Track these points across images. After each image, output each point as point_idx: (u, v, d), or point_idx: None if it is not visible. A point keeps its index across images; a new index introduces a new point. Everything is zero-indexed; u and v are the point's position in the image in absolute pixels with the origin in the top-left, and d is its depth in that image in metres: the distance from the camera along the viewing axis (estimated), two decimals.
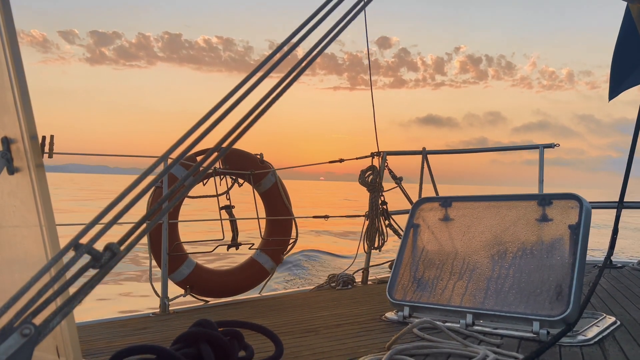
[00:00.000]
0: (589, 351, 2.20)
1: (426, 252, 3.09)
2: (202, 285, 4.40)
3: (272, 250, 4.88)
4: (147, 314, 3.71)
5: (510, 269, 2.74)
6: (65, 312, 1.01)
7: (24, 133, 1.20)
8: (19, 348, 0.95)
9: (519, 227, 2.86)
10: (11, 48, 1.19)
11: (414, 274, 3.03)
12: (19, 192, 1.29)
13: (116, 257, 1.04)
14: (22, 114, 1.20)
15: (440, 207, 3.20)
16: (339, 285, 4.70)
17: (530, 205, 2.89)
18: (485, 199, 3.08)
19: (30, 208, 1.25)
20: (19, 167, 1.27)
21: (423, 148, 5.77)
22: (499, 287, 2.70)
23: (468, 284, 2.80)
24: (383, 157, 5.50)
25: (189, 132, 1.19)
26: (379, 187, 5.31)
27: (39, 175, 1.20)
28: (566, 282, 2.50)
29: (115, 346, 2.60)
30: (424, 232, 3.18)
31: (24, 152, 1.23)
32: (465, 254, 2.94)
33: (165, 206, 1.15)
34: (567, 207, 2.75)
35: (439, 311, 2.78)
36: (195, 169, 1.20)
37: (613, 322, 2.72)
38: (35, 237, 1.23)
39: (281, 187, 5.00)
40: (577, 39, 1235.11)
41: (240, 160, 4.76)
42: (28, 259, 1.35)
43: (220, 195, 4.59)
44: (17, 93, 1.19)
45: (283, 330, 2.76)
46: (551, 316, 2.41)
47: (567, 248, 2.64)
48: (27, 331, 0.96)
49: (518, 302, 2.58)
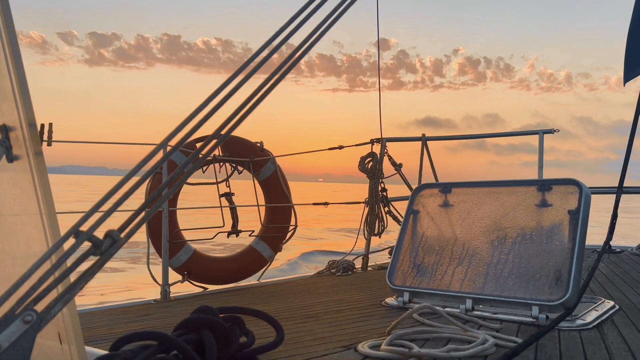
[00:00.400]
0: (588, 335, 2.22)
1: (426, 238, 3.10)
2: (199, 271, 4.41)
3: (271, 238, 4.88)
4: (148, 301, 3.73)
5: (509, 254, 2.75)
6: (67, 299, 1.01)
7: (22, 121, 1.20)
8: (21, 335, 0.96)
9: (519, 213, 2.86)
10: (8, 34, 1.19)
11: (414, 259, 3.04)
12: (19, 180, 1.29)
13: (116, 244, 1.05)
14: (20, 102, 1.19)
15: (439, 194, 3.21)
16: (339, 272, 4.72)
17: (530, 190, 2.89)
18: (485, 185, 3.08)
19: (30, 196, 1.25)
20: (18, 155, 1.27)
21: (422, 134, 5.76)
22: (498, 273, 2.71)
23: (468, 270, 2.81)
24: (383, 144, 5.49)
25: (187, 119, 1.19)
26: (378, 174, 5.32)
27: (38, 163, 1.19)
28: (565, 267, 2.51)
29: (117, 333, 2.61)
30: (424, 218, 3.19)
31: (22, 140, 1.23)
32: (465, 239, 2.95)
33: (165, 193, 1.15)
34: (567, 193, 2.76)
35: (439, 296, 2.80)
36: (194, 155, 1.20)
37: (612, 307, 2.74)
38: (36, 224, 1.23)
39: (281, 175, 5.00)
40: (575, 41, 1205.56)
41: (239, 148, 4.76)
42: (29, 247, 1.35)
43: (220, 183, 4.60)
44: (15, 80, 1.19)
45: (284, 316, 2.78)
46: (550, 301, 2.43)
47: (566, 233, 2.64)
48: (29, 318, 0.97)
49: (517, 287, 2.59)
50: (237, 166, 4.76)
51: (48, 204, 1.20)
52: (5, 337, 0.94)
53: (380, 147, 5.47)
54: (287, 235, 5.01)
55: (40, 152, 1.21)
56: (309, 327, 2.47)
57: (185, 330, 1.76)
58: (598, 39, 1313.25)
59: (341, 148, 5.55)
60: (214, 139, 1.23)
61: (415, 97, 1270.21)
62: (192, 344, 1.68)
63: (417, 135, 5.83)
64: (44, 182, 1.20)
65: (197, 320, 1.77)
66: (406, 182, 5.55)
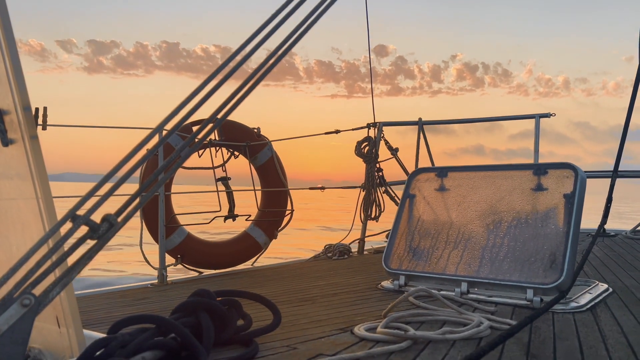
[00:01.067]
0: (582, 317, 2.24)
1: (422, 222, 3.11)
2: (193, 255, 4.38)
3: (266, 224, 4.87)
4: (145, 285, 3.75)
5: (505, 238, 2.76)
6: (65, 282, 1.02)
7: (17, 104, 1.19)
8: (20, 318, 0.96)
9: (514, 197, 2.87)
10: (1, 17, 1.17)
11: (410, 243, 3.06)
12: (14, 164, 1.29)
13: (114, 228, 1.05)
14: (14, 85, 1.18)
15: (436, 178, 3.21)
16: (335, 256, 4.75)
17: (526, 174, 2.90)
18: (481, 169, 3.09)
19: (26, 180, 1.25)
20: (13, 139, 1.26)
21: (419, 118, 5.76)
22: (493, 256, 2.73)
23: (463, 253, 2.83)
24: (379, 128, 5.49)
25: (183, 103, 1.18)
26: (374, 158, 5.32)
27: (34, 146, 1.19)
28: (560, 251, 2.53)
29: (114, 316, 2.63)
30: (420, 203, 3.20)
31: (17, 123, 1.22)
32: (461, 223, 2.97)
33: (161, 177, 1.15)
34: (562, 177, 2.77)
35: (435, 280, 2.82)
36: (191, 139, 1.19)
37: (605, 289, 2.76)
38: (32, 208, 1.23)
39: (277, 161, 4.99)
40: (573, 46, 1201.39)
41: (236, 132, 4.74)
42: (26, 231, 1.35)
43: (217, 168, 4.59)
44: (9, 64, 1.18)
45: (280, 299, 2.79)
46: (545, 284, 2.45)
47: (561, 217, 2.66)
48: (27, 301, 0.97)
49: (512, 271, 2.61)
50: (233, 151, 4.75)
51: (44, 188, 1.20)
52: (3, 321, 0.95)
53: (376, 131, 5.46)
54: (284, 221, 5.01)
55: (36, 135, 1.20)
56: (305, 310, 2.49)
57: (183, 314, 1.78)
58: (596, 44, 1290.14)
59: (337, 132, 5.54)
60: (210, 123, 1.22)
61: (414, 103, 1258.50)
62: (189, 327, 1.70)
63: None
64: (39, 165, 1.20)
65: (195, 303, 1.78)
66: (402, 167, 5.56)
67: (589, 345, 1.84)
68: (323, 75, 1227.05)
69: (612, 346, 1.83)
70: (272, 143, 4.96)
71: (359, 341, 1.92)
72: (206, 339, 1.67)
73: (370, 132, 5.46)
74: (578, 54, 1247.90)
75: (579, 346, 1.83)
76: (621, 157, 3.00)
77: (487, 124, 5.91)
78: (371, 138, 5.38)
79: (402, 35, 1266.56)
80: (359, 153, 5.36)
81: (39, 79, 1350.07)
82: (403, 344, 1.81)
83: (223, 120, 1.20)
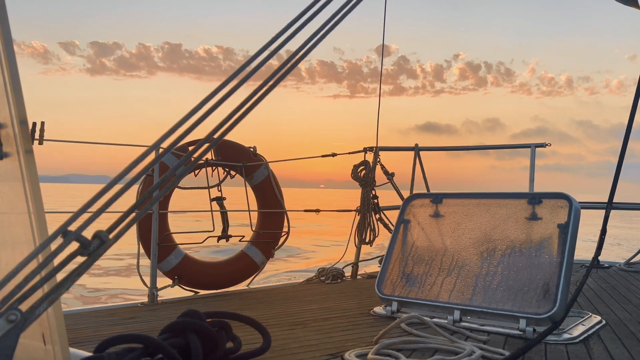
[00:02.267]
0: (574, 349, 2.22)
1: (416, 248, 3.10)
2: (190, 276, 4.37)
3: (263, 244, 4.85)
4: (135, 304, 3.71)
5: (498, 267, 2.75)
6: (52, 299, 1.00)
7: (13, 118, 1.19)
8: (5, 334, 0.94)
9: (509, 225, 2.87)
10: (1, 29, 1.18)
11: (403, 269, 3.04)
12: (8, 177, 1.28)
13: (105, 245, 1.04)
14: (11, 98, 1.18)
15: (431, 204, 3.22)
16: (328, 279, 4.71)
17: (520, 203, 2.91)
18: (476, 197, 3.09)
19: (18, 194, 1.24)
20: (7, 152, 1.26)
21: (415, 144, 5.78)
22: (487, 284, 2.71)
23: (456, 281, 2.82)
24: (375, 152, 5.50)
25: (180, 122, 1.18)
26: (371, 182, 5.32)
27: (28, 161, 1.18)
28: (554, 281, 2.52)
29: (102, 335, 2.59)
30: (414, 228, 3.19)
31: (13, 137, 1.22)
32: (455, 250, 2.96)
33: (155, 195, 1.15)
34: (557, 207, 2.77)
35: (427, 307, 2.80)
36: (186, 158, 1.19)
37: (598, 321, 2.75)
38: (24, 223, 1.22)
39: (273, 180, 4.99)
40: (575, 44, 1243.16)
41: (232, 152, 4.74)
42: (15, 246, 1.34)
43: (212, 188, 4.58)
44: (7, 77, 1.18)
45: (271, 322, 2.76)
46: (538, 314, 2.43)
47: (555, 247, 2.66)
48: (13, 317, 0.95)
49: (505, 300, 2.60)
50: (229, 170, 4.74)
51: (37, 203, 1.19)
52: None
53: (373, 156, 5.48)
54: (280, 241, 4.98)
55: (31, 150, 1.20)
56: (296, 335, 2.46)
57: (171, 334, 1.75)
58: (598, 42, 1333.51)
59: (334, 155, 5.56)
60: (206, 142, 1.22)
61: (416, 102, 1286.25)
62: (177, 348, 1.67)
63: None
64: (33, 180, 1.19)
65: (184, 324, 1.76)
66: (398, 192, 5.56)
67: None
68: (325, 76, 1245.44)
69: None
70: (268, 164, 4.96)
71: None
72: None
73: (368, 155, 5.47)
74: (581, 53, 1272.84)
75: None
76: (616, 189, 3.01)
77: (489, 124, 5.96)
78: (367, 162, 5.39)
79: (404, 35, 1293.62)
80: (355, 177, 5.37)
81: (42, 81, 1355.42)
82: None
83: (219, 140, 1.20)
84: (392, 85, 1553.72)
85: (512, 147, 5.65)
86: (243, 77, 1.23)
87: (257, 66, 1.25)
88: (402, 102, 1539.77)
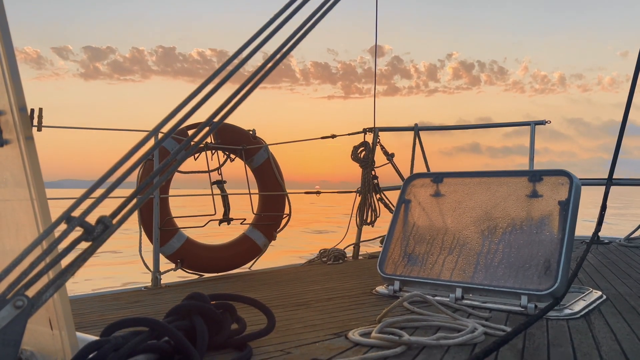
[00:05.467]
0: (575, 324, 2.25)
1: (417, 228, 3.12)
2: (192, 259, 4.40)
3: (264, 226, 4.88)
4: (139, 288, 3.74)
5: (499, 244, 2.77)
6: (58, 284, 1.01)
7: (12, 105, 1.19)
8: (13, 320, 0.95)
9: (509, 203, 2.88)
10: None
11: (405, 249, 3.06)
12: (9, 164, 1.28)
13: (108, 230, 1.05)
14: (10, 86, 1.18)
15: (431, 183, 3.22)
16: (330, 260, 4.74)
17: (521, 181, 2.91)
18: (477, 175, 3.10)
19: (20, 181, 1.24)
20: (8, 139, 1.26)
21: (415, 124, 5.77)
22: (488, 262, 2.73)
23: (458, 259, 2.83)
24: (375, 133, 5.50)
25: (180, 106, 1.18)
26: (370, 163, 5.33)
27: (29, 147, 1.19)
28: (554, 258, 2.54)
29: (108, 319, 2.61)
30: (415, 208, 3.20)
31: (12, 124, 1.22)
32: (456, 229, 2.97)
33: (156, 180, 1.15)
34: (557, 183, 2.78)
35: (429, 285, 2.82)
36: (186, 142, 1.19)
37: (599, 297, 2.77)
38: (27, 210, 1.23)
39: (274, 163, 4.99)
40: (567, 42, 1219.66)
41: (232, 136, 4.74)
42: (19, 233, 1.35)
43: (213, 171, 4.58)
44: (5, 64, 1.17)
45: (275, 303, 2.79)
46: (539, 290, 2.45)
47: (556, 224, 2.67)
48: (20, 303, 0.96)
49: (507, 277, 2.61)
50: (229, 154, 4.74)
51: (39, 189, 1.19)
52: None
53: (373, 137, 5.47)
54: (282, 223, 5.00)
55: (31, 136, 1.20)
56: (299, 315, 2.48)
57: (176, 317, 1.77)
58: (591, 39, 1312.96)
59: (334, 137, 5.55)
60: (206, 127, 1.22)
61: (410, 102, 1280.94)
62: (183, 330, 1.69)
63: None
64: (34, 167, 1.20)
65: (189, 306, 1.77)
66: (398, 172, 5.57)
67: (583, 352, 1.84)
68: (319, 77, 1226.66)
69: (606, 353, 1.83)
70: (268, 146, 4.96)
71: (353, 346, 1.91)
72: (200, 342, 1.67)
73: (367, 136, 5.47)
74: (573, 50, 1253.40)
75: (573, 353, 1.83)
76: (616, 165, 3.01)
77: (481, 121, 5.96)
78: (367, 143, 5.39)
79: (397, 35, 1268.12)
80: (355, 158, 5.37)
81: (36, 86, 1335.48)
82: (397, 349, 1.81)
83: (219, 124, 1.20)
84: (386, 86, 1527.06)
85: (512, 125, 5.64)
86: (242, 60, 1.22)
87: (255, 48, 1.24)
88: (396, 102, 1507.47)
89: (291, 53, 1.27)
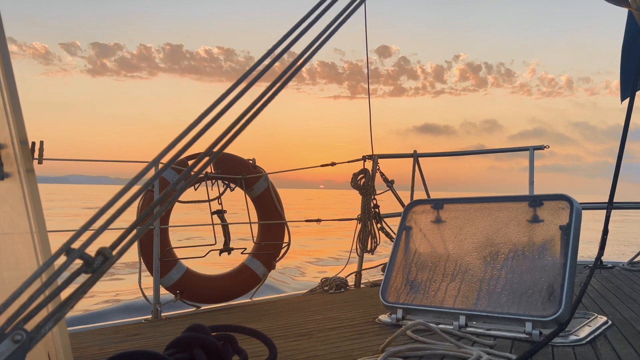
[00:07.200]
0: (582, 351, 2.21)
1: (419, 255, 3.10)
2: (192, 290, 4.36)
3: (264, 256, 4.85)
4: (139, 320, 3.69)
5: (502, 270, 2.75)
6: (57, 317, 1.00)
7: (13, 138, 1.19)
8: (11, 354, 0.94)
9: (511, 229, 2.87)
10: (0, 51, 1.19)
11: (407, 276, 3.03)
12: (9, 197, 1.28)
13: (108, 262, 1.04)
14: (11, 119, 1.19)
15: (432, 210, 3.21)
16: (331, 289, 4.70)
17: (521, 206, 2.91)
18: (477, 201, 3.09)
19: (20, 214, 1.24)
20: (9, 172, 1.26)
21: (414, 151, 5.79)
22: (491, 289, 2.71)
23: (461, 286, 2.81)
24: (374, 160, 5.51)
25: (180, 137, 1.19)
26: (371, 190, 5.33)
27: (30, 180, 1.19)
28: (558, 283, 2.52)
29: (107, 352, 2.58)
30: (416, 235, 3.19)
31: (14, 157, 1.22)
32: (458, 255, 2.95)
33: (156, 211, 1.15)
34: (558, 208, 2.77)
35: (432, 313, 2.79)
36: (186, 173, 1.20)
37: (604, 322, 2.74)
38: (26, 242, 1.22)
39: (273, 192, 4.99)
40: (576, 45, 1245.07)
41: (232, 165, 4.75)
42: (19, 265, 1.34)
43: (212, 201, 4.58)
44: (7, 97, 1.19)
45: (276, 334, 2.75)
46: (543, 316, 2.43)
47: (558, 249, 2.65)
48: (18, 337, 0.95)
49: (510, 303, 2.59)
50: (229, 183, 4.75)
51: (39, 222, 1.19)
52: None
53: (372, 164, 5.49)
54: (281, 252, 4.98)
55: (32, 169, 1.20)
56: (302, 345, 2.45)
57: (177, 350, 1.75)
58: (599, 43, 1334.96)
59: (333, 165, 5.56)
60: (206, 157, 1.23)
61: (417, 103, 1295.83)
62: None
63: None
64: (35, 199, 1.20)
65: (189, 338, 1.75)
66: (398, 199, 5.56)
67: None
68: (326, 77, 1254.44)
69: None
70: (267, 175, 4.96)
71: None
72: None
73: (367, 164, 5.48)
74: (581, 54, 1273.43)
75: None
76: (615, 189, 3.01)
77: (487, 125, 5.97)
78: (367, 170, 5.40)
79: (405, 36, 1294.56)
80: (355, 185, 5.37)
81: (43, 82, 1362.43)
82: None
83: (219, 154, 1.21)
84: (392, 86, 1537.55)
85: (510, 151, 5.66)
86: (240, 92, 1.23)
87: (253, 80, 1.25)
88: (402, 103, 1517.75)
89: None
